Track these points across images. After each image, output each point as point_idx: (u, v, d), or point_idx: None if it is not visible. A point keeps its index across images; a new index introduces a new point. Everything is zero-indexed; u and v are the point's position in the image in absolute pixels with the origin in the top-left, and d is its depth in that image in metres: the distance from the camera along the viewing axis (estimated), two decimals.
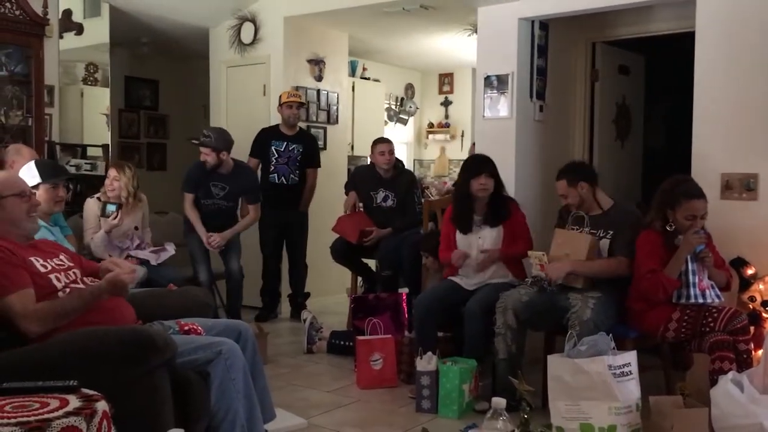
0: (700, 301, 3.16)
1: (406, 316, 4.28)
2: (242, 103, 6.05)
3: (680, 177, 3.38)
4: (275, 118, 5.50)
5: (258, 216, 4.92)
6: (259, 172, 5.37)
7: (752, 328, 3.22)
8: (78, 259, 2.74)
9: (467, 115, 8.07)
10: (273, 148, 5.32)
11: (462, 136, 8.33)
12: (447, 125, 8.47)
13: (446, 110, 8.50)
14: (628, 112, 5.39)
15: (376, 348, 3.86)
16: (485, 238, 3.80)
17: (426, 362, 3.48)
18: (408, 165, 8.43)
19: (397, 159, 5.07)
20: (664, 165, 5.63)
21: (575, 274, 3.38)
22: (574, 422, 2.86)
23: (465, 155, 7.00)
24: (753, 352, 3.12)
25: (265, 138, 5.36)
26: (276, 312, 5.60)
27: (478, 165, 3.83)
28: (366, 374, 3.84)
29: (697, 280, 3.17)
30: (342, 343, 4.49)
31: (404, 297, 4.36)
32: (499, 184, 3.83)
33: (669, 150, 6.10)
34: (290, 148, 5.33)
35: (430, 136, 8.62)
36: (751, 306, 3.39)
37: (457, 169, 7.23)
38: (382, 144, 4.88)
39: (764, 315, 3.35)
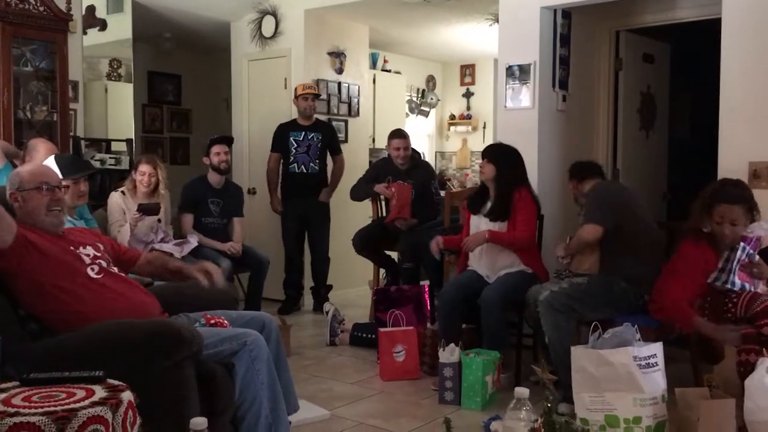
0: (737, 288, 3.12)
1: (429, 308, 4.28)
2: (264, 97, 6.07)
3: (728, 179, 3.30)
4: (296, 112, 5.52)
5: (243, 230, 5.00)
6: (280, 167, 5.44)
7: None
8: (110, 248, 2.76)
9: (489, 106, 8.02)
10: (291, 138, 5.37)
11: (484, 127, 8.28)
12: (469, 117, 8.43)
13: (468, 102, 8.46)
14: (653, 101, 5.32)
15: (399, 340, 3.86)
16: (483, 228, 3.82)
17: (449, 354, 3.47)
18: (430, 157, 8.42)
19: (414, 150, 5.09)
20: (690, 155, 5.58)
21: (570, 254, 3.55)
22: (599, 414, 2.83)
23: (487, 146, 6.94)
24: None
25: (284, 131, 5.41)
26: (299, 305, 5.63)
27: (484, 150, 4.00)
28: (389, 366, 3.84)
29: (737, 268, 3.12)
30: (364, 335, 4.49)
31: (426, 289, 4.36)
32: (508, 176, 3.80)
33: (695, 140, 6.02)
34: (309, 137, 5.37)
35: (452, 127, 8.59)
36: None
37: (479, 161, 7.22)
38: (396, 139, 4.94)
39: None
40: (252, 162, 6.05)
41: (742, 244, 3.13)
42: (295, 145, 5.36)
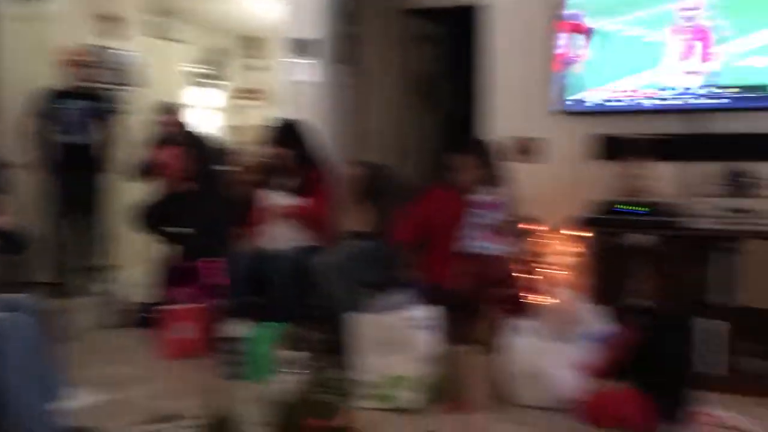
0: (483, 251, 3.42)
1: (214, 283, 4.22)
2: (24, 62, 5.52)
3: (478, 138, 3.69)
4: (64, 79, 5.11)
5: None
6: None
7: (531, 279, 3.57)
8: None
9: (277, 80, 7.98)
10: (57, 106, 4.94)
11: (272, 101, 8.24)
12: (256, 91, 8.34)
13: (256, 75, 8.36)
14: (432, 80, 5.63)
15: (184, 317, 3.78)
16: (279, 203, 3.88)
17: (235, 328, 3.47)
18: (218, 131, 8.22)
19: (181, 123, 4.98)
20: (466, 132, 5.97)
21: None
22: (378, 375, 3.00)
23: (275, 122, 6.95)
24: (525, 298, 3.47)
25: (48, 97, 4.97)
26: (75, 286, 5.26)
27: (271, 132, 3.97)
28: (173, 345, 3.75)
29: (479, 233, 3.42)
30: (147, 315, 4.32)
31: (211, 264, 4.28)
32: (302, 152, 3.86)
33: (473, 117, 6.45)
34: (78, 106, 4.99)
35: (240, 101, 8.45)
36: (531, 258, 3.72)
37: (268, 136, 7.17)
38: (162, 115, 4.88)
39: (539, 267, 3.69)
40: (9, 134, 5.49)
41: (476, 210, 3.44)
42: (62, 115, 4.96)
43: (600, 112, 3.79)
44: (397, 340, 3.02)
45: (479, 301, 3.51)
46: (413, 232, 3.53)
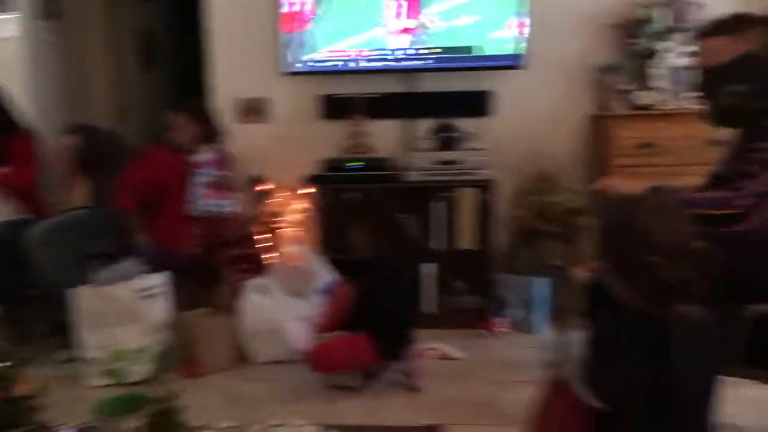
0: (213, 210, 3.40)
1: None
2: None
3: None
4: None
5: None
6: None
7: (263, 237, 3.61)
8: None
9: None
10: None
11: None
12: None
13: None
14: (154, 39, 5.36)
15: None
16: None
17: None
18: None
19: None
20: (195, 92, 5.78)
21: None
22: (105, 350, 2.85)
23: None
24: (259, 257, 3.52)
25: None
26: None
27: None
28: None
29: (204, 191, 3.39)
30: None
31: None
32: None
33: (201, 77, 6.25)
34: None
35: None
36: (264, 218, 3.77)
37: None
38: None
39: (275, 225, 3.76)
40: None
41: (199, 169, 3.43)
42: None
43: (324, 72, 3.87)
44: (125, 311, 2.88)
45: (213, 262, 3.49)
46: (136, 196, 3.36)
